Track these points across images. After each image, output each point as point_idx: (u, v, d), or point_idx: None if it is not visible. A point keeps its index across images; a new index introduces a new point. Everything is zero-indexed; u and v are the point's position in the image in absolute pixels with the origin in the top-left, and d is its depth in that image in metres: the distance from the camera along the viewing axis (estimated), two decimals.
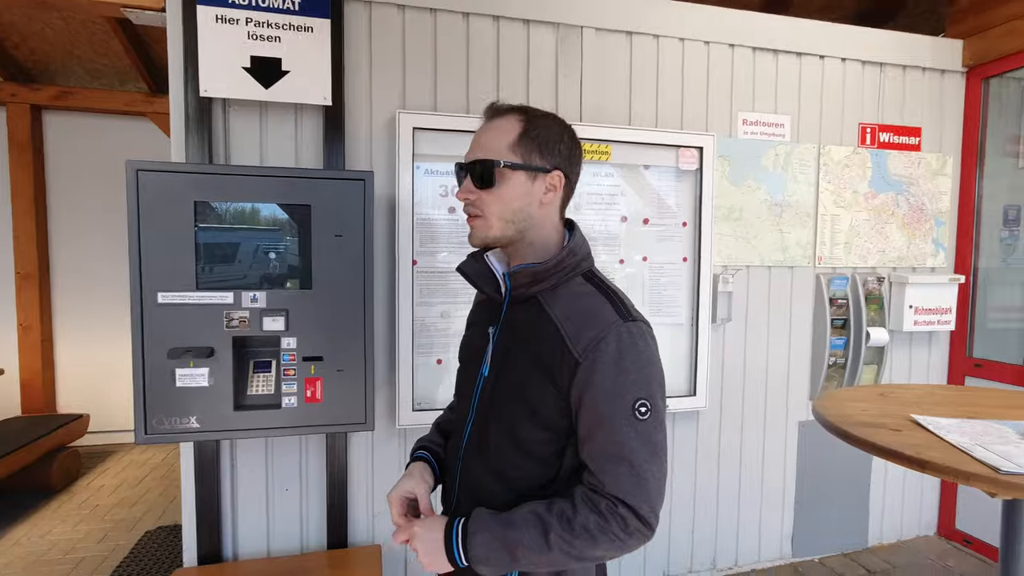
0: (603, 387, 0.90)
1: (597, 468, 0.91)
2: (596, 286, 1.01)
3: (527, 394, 0.96)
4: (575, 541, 0.88)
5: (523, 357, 0.98)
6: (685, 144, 2.51)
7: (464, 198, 1.00)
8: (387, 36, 2.24)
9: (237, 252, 1.80)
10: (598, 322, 0.93)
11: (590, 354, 0.91)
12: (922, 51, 2.90)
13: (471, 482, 1.04)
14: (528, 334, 0.98)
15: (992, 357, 2.96)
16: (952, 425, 1.17)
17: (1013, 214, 3.10)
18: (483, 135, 1.00)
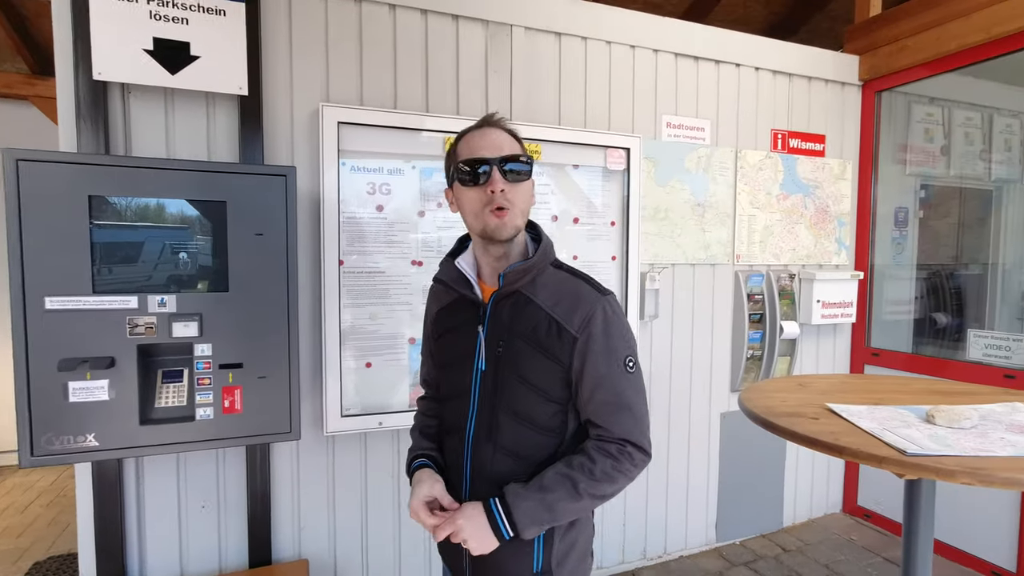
0: (598, 353, 1.08)
1: (604, 419, 1.09)
2: (567, 271, 1.17)
3: (531, 377, 1.09)
4: (599, 485, 1.06)
5: (520, 345, 1.09)
6: (613, 145, 2.56)
7: (499, 190, 1.06)
8: (309, 25, 2.12)
9: (141, 252, 1.64)
10: (584, 302, 1.10)
11: (584, 330, 1.08)
12: (825, 64, 3.12)
13: (486, 467, 1.12)
14: (520, 325, 1.10)
15: (887, 346, 3.23)
16: (863, 412, 1.25)
17: (902, 216, 3.40)
18: (497, 138, 1.09)
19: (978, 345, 2.76)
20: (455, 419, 1.19)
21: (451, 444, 1.20)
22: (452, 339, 1.20)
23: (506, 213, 1.06)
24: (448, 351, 1.21)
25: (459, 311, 1.19)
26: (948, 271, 3.66)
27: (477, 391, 1.14)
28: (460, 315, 1.19)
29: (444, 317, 1.23)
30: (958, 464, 0.95)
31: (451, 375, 1.21)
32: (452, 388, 1.21)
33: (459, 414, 1.17)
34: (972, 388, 1.51)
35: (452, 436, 1.20)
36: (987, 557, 2.68)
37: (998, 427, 1.14)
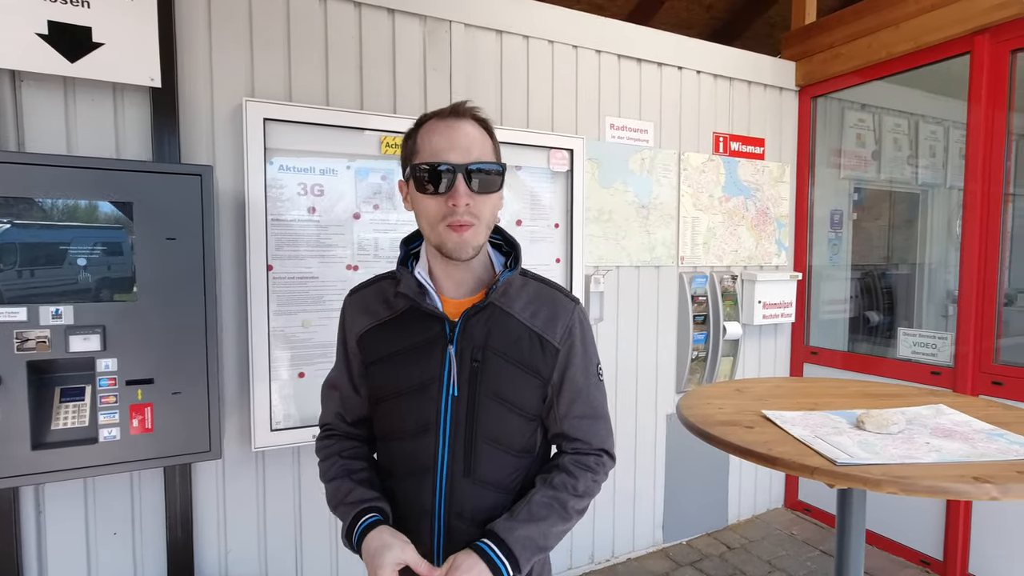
0: (578, 365, 1.03)
1: (583, 432, 1.04)
2: (534, 278, 1.07)
3: (511, 395, 0.99)
4: (583, 500, 1.02)
5: (498, 362, 0.98)
6: (556, 146, 2.52)
7: (464, 204, 0.90)
8: (231, 14, 1.99)
9: (32, 258, 1.48)
10: (563, 311, 1.03)
11: (566, 341, 1.02)
12: (764, 69, 3.18)
13: (466, 507, 0.99)
14: (497, 339, 0.98)
15: (824, 345, 3.33)
16: (796, 418, 1.24)
17: (837, 218, 3.51)
18: (466, 137, 0.93)
19: (907, 343, 2.86)
20: (418, 458, 0.99)
21: (411, 488, 1.01)
22: (403, 363, 1.00)
23: (467, 229, 0.92)
24: (398, 378, 1.00)
25: (411, 328, 1.00)
26: (880, 271, 3.81)
27: (448, 421, 0.98)
28: (414, 333, 1.00)
29: (383, 337, 1.02)
30: (884, 473, 0.94)
31: (407, 407, 1.00)
32: (410, 422, 1.00)
33: (424, 452, 0.99)
34: (901, 390, 1.54)
35: (412, 478, 1.01)
36: (917, 547, 2.78)
37: (923, 431, 1.15)
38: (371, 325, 1.03)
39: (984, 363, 2.54)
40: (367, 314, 1.05)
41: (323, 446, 1.10)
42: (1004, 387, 2.46)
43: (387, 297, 1.04)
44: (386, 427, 1.04)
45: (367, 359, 1.03)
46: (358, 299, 1.07)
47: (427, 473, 0.99)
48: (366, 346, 1.03)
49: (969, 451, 1.03)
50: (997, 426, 1.18)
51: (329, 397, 1.12)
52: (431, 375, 0.98)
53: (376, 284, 1.08)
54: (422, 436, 0.99)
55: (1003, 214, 2.51)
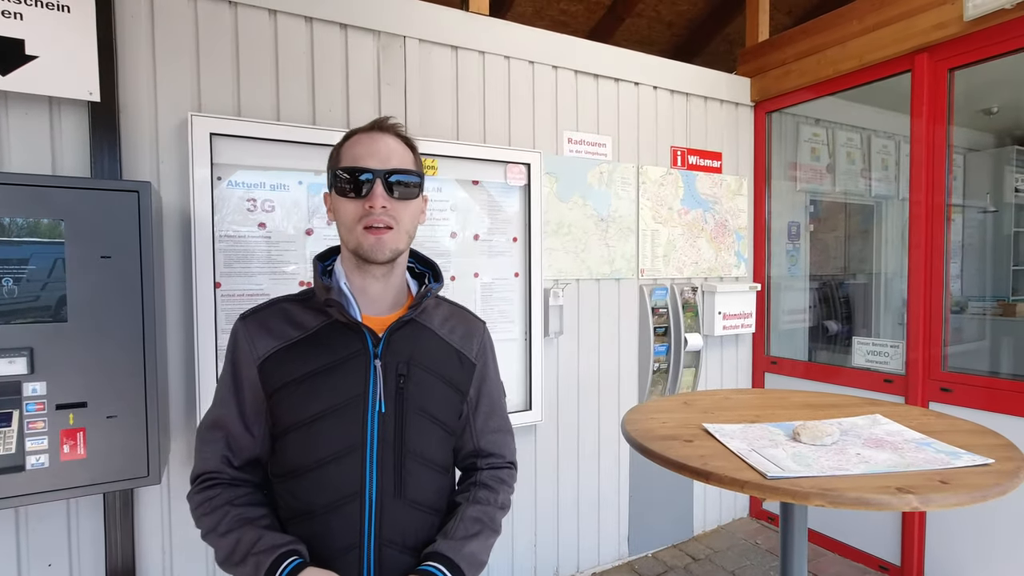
0: (492, 380, 1.11)
1: (497, 447, 1.11)
2: (442, 299, 1.12)
3: (436, 410, 1.01)
4: (504, 513, 1.07)
5: (424, 376, 1.00)
6: (513, 160, 2.53)
7: (380, 206, 0.94)
8: (175, 28, 1.95)
9: None
10: (474, 328, 1.11)
11: (481, 356, 1.09)
12: (720, 85, 3.25)
13: (396, 528, 0.96)
14: (422, 355, 1.00)
15: (784, 355, 3.38)
16: (736, 431, 1.24)
17: (795, 229, 3.59)
18: (386, 146, 0.98)
19: (861, 352, 2.93)
20: (343, 484, 0.94)
21: (334, 521, 0.94)
22: (322, 382, 0.95)
23: (384, 232, 0.95)
24: (316, 399, 0.94)
25: (330, 345, 0.97)
26: (837, 281, 3.90)
27: (375, 439, 0.95)
28: (334, 350, 0.96)
29: (294, 358, 0.96)
30: (813, 486, 0.94)
31: (327, 429, 0.94)
32: (332, 446, 0.94)
33: (349, 476, 0.94)
34: (842, 400, 1.56)
35: (336, 510, 0.94)
36: (876, 552, 2.82)
37: (856, 442, 1.16)
38: (277, 347, 0.97)
39: (933, 370, 2.60)
40: (270, 336, 0.98)
41: (205, 499, 0.96)
42: (953, 393, 2.52)
43: (292, 317, 1.00)
44: (298, 459, 0.96)
45: (271, 386, 0.96)
46: (256, 322, 1.00)
47: (354, 499, 0.94)
48: (270, 371, 0.96)
49: (897, 461, 1.05)
50: (928, 435, 1.20)
51: (211, 440, 0.99)
52: (355, 392, 0.95)
53: (276, 305, 1.03)
54: (347, 459, 0.94)
55: (947, 224, 2.59)
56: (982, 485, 0.93)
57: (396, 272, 1.03)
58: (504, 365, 2.55)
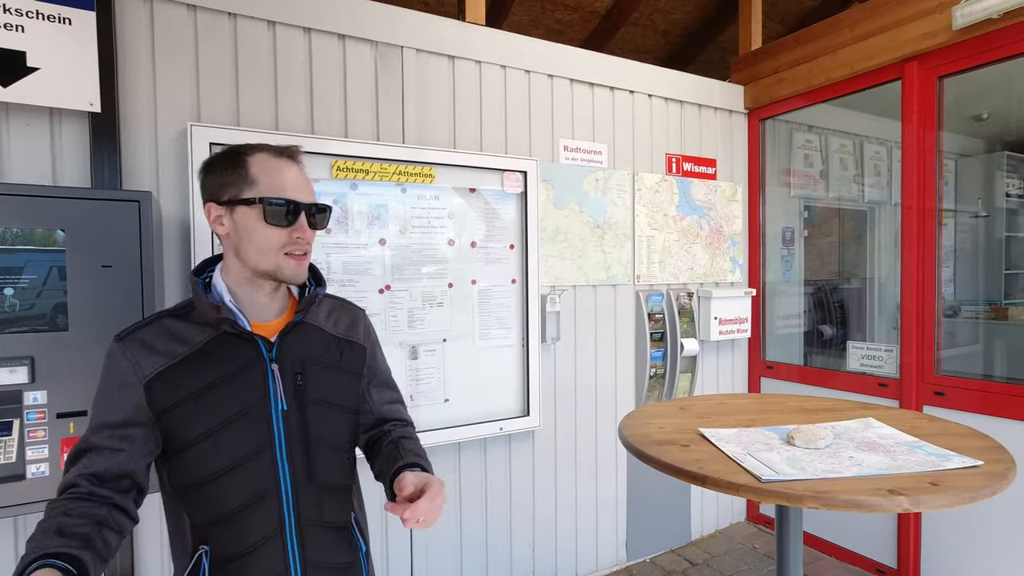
0: (379, 357, 1.24)
1: (396, 413, 1.25)
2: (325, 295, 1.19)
3: (339, 399, 1.10)
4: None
5: (323, 372, 1.08)
6: (509, 168, 2.55)
7: (307, 238, 1.04)
8: (175, 40, 1.98)
9: None
10: (356, 316, 1.21)
11: (368, 338, 1.21)
12: (714, 93, 3.28)
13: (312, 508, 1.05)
14: (314, 351, 1.09)
15: (780, 359, 3.40)
16: (731, 435, 1.26)
17: (789, 235, 3.62)
18: (306, 179, 1.07)
19: (856, 356, 2.95)
20: (257, 480, 0.99)
21: (252, 516, 0.99)
22: (221, 392, 0.98)
23: (304, 258, 1.04)
24: (212, 412, 0.97)
25: (222, 357, 1.00)
26: (832, 286, 3.93)
27: (282, 434, 1.01)
28: (228, 360, 1.00)
29: (185, 373, 0.97)
30: (806, 488, 0.96)
31: (233, 435, 0.98)
32: (236, 451, 0.98)
33: (262, 472, 0.99)
34: (836, 404, 1.58)
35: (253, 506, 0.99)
36: (872, 555, 2.84)
37: (849, 445, 1.18)
38: (165, 365, 0.97)
39: (927, 374, 2.63)
40: (155, 354, 0.97)
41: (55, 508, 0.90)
42: (946, 397, 2.54)
43: (175, 333, 1.00)
44: (206, 468, 0.97)
45: (162, 405, 0.96)
46: (136, 341, 0.98)
47: (271, 493, 1.00)
48: (160, 390, 0.96)
49: (889, 464, 1.07)
50: (920, 438, 1.22)
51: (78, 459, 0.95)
52: (256, 396, 1.01)
53: (156, 323, 1.01)
54: (257, 458, 1.00)
55: (939, 229, 2.62)
56: (971, 487, 0.95)
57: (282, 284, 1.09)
58: (502, 371, 2.57)
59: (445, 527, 2.49)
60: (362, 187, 2.27)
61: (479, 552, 2.58)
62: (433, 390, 2.43)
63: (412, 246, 2.37)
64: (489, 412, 2.55)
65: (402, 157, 2.31)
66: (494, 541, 2.62)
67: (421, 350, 2.40)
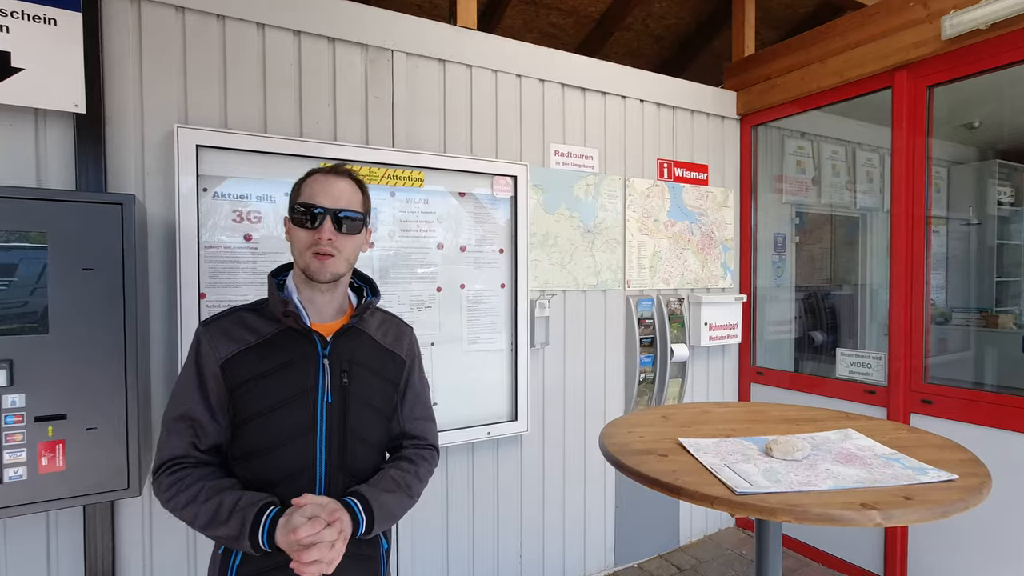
0: (416, 374, 1.34)
1: (421, 431, 1.32)
2: (378, 309, 1.33)
3: (375, 401, 1.22)
4: (423, 485, 1.27)
5: (366, 374, 1.21)
6: (499, 172, 2.55)
7: (327, 238, 1.14)
8: (162, 41, 1.97)
9: None
10: (404, 333, 1.34)
11: (409, 354, 1.32)
12: (706, 98, 3.29)
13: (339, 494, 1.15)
14: (361, 355, 1.21)
15: (771, 366, 3.40)
16: (710, 446, 1.26)
17: (780, 241, 3.63)
18: (339, 189, 1.17)
19: (844, 363, 2.95)
20: (297, 458, 1.14)
21: (288, 489, 1.12)
22: (279, 378, 1.14)
23: (327, 259, 1.15)
24: (275, 392, 1.14)
25: (284, 348, 1.16)
26: (823, 292, 3.94)
27: (324, 423, 1.15)
28: (287, 351, 1.16)
29: (252, 359, 1.14)
30: (780, 502, 0.96)
31: (283, 416, 1.14)
32: (284, 431, 1.14)
33: (303, 452, 1.14)
34: (819, 414, 1.58)
35: (290, 480, 1.13)
36: (858, 562, 2.84)
37: (827, 457, 1.18)
38: (237, 350, 1.15)
39: (915, 382, 2.63)
40: (231, 341, 1.15)
41: (175, 479, 1.10)
42: (933, 405, 2.55)
43: (249, 324, 1.18)
44: (259, 441, 1.13)
45: (232, 383, 1.13)
46: (217, 328, 1.17)
47: (305, 471, 1.13)
48: (232, 371, 1.13)
49: (864, 477, 1.06)
50: (898, 450, 1.22)
51: (178, 431, 1.14)
52: (307, 385, 1.14)
53: (234, 314, 1.20)
54: (300, 439, 1.13)
55: (928, 236, 2.63)
56: (944, 501, 0.95)
57: (339, 288, 1.23)
58: (490, 376, 2.57)
59: (431, 533, 2.49)
60: None
61: (465, 558, 2.58)
62: None
63: (401, 249, 2.37)
64: (477, 417, 2.54)
65: (391, 161, 2.31)
66: (481, 547, 2.61)
67: None
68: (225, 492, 1.08)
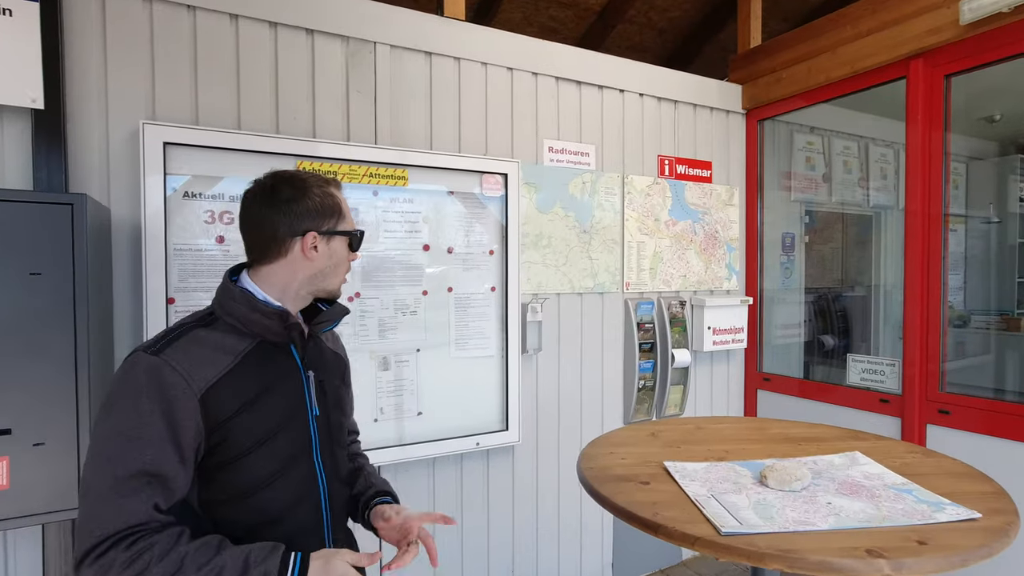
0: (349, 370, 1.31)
1: (354, 425, 1.39)
2: None
3: (344, 405, 1.24)
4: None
5: (333, 380, 1.19)
6: (489, 170, 2.43)
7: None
8: (128, 33, 1.87)
9: None
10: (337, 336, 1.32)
11: (344, 351, 1.31)
12: (710, 92, 3.14)
13: (338, 504, 1.16)
14: (323, 361, 1.17)
15: (778, 371, 3.25)
16: (699, 471, 1.13)
17: (789, 241, 3.47)
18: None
19: (856, 370, 2.80)
20: (298, 488, 1.04)
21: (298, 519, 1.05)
22: (273, 400, 1.02)
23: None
24: (265, 419, 0.99)
25: (269, 364, 1.03)
26: (834, 294, 3.77)
27: (316, 438, 1.09)
28: (274, 368, 1.04)
29: (237, 384, 0.96)
30: (770, 545, 0.83)
31: (282, 443, 1.02)
32: (286, 456, 1.03)
33: (303, 478, 1.06)
34: (824, 432, 1.44)
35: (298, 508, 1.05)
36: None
37: (829, 487, 1.05)
38: (217, 376, 0.95)
39: (931, 390, 2.47)
40: (205, 366, 0.94)
41: (136, 553, 0.83)
42: (951, 415, 2.39)
43: (216, 343, 0.98)
44: (257, 475, 0.99)
45: (221, 416, 0.94)
46: (179, 353, 0.93)
47: (310, 494, 1.07)
48: (215, 403, 0.93)
49: (872, 514, 0.93)
50: (910, 478, 1.08)
51: (134, 491, 0.86)
52: (296, 401, 1.06)
53: (189, 334, 0.97)
54: (304, 461, 1.06)
55: (945, 235, 2.47)
56: (964, 547, 0.81)
57: None
58: (479, 383, 2.45)
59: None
60: None
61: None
62: (405, 403, 2.31)
63: (385, 252, 2.26)
64: (465, 426, 2.42)
65: (373, 158, 2.20)
66: (471, 564, 2.49)
67: (393, 361, 2.28)
68: (221, 552, 0.88)
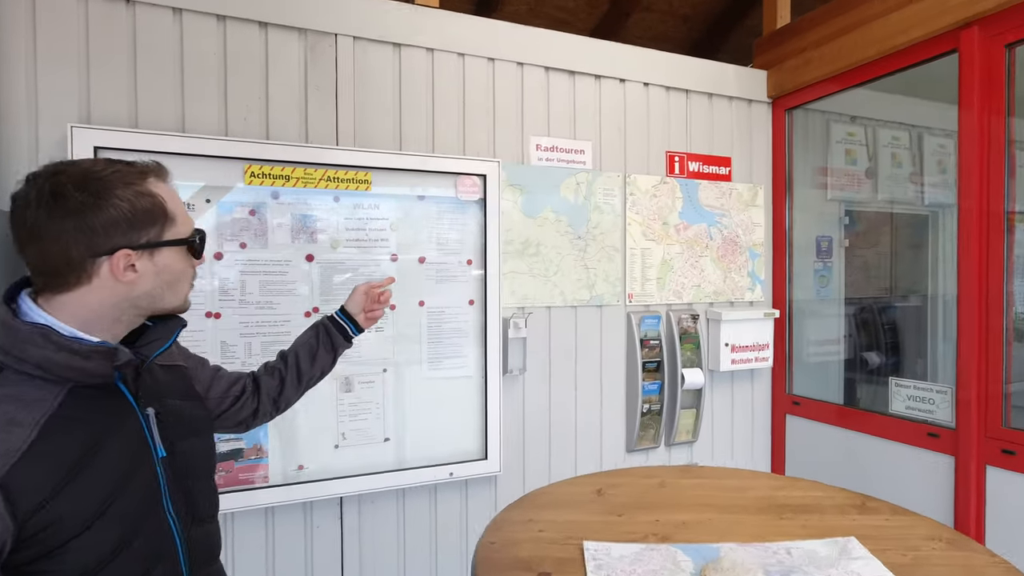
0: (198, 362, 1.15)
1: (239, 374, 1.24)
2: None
3: (200, 427, 1.03)
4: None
5: (175, 402, 0.97)
6: (465, 171, 2.20)
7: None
8: (61, 30, 1.75)
9: None
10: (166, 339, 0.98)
11: (181, 354, 1.10)
12: (727, 80, 2.80)
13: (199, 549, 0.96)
14: (160, 384, 0.96)
15: (811, 394, 2.85)
16: (624, 559, 0.85)
17: (825, 245, 3.07)
18: None
19: (900, 396, 2.39)
20: (150, 546, 0.85)
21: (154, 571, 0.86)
22: (98, 464, 0.78)
23: None
24: (101, 483, 0.78)
25: (92, 412, 0.81)
26: (881, 305, 3.32)
27: (166, 483, 0.89)
28: (89, 419, 0.80)
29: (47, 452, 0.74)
30: None
31: (124, 505, 0.81)
32: (130, 519, 0.82)
33: (154, 534, 0.86)
34: (824, 498, 1.12)
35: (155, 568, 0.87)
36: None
37: None
38: (20, 451, 0.71)
39: (991, 424, 2.05)
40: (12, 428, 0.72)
41: None
42: (1017, 456, 1.97)
43: (11, 403, 0.74)
44: (93, 558, 0.77)
45: (36, 500, 0.71)
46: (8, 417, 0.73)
47: (166, 553, 0.88)
48: (24, 482, 0.70)
49: None
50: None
51: None
52: (135, 449, 0.86)
53: None
54: (149, 518, 0.86)
55: (1008, 236, 2.05)
56: None
57: None
58: (456, 407, 2.21)
59: None
60: (285, 196, 1.98)
61: None
62: (370, 428, 2.10)
63: (346, 262, 2.06)
64: (439, 455, 2.19)
65: (332, 161, 2.01)
66: None
67: (356, 381, 2.08)
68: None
